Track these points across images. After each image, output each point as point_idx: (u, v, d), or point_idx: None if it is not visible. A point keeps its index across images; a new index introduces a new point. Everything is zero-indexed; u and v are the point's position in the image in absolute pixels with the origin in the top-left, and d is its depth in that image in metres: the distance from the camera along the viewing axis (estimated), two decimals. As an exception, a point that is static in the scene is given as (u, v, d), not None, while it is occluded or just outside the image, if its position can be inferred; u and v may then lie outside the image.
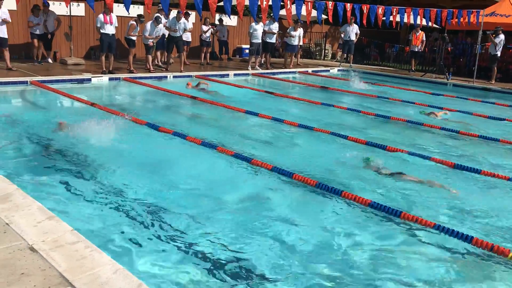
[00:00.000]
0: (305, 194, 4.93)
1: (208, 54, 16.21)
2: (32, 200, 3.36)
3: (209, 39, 15.86)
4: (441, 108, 10.22)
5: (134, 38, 12.84)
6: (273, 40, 16.02)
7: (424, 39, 17.04)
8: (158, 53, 14.51)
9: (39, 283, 2.35)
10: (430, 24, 17.89)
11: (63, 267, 2.51)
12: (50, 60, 13.48)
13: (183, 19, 13.48)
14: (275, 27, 15.70)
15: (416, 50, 17.03)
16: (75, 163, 5.49)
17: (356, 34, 17.23)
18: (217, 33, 16.95)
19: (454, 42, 18.85)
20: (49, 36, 13.08)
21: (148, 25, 12.74)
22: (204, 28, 15.45)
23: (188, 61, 15.62)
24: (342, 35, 17.50)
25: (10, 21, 11.60)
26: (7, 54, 11.47)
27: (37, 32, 12.65)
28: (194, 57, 16.36)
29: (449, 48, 18.12)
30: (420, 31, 16.77)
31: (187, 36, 15.05)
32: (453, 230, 3.99)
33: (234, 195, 4.81)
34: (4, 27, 11.27)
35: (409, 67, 17.77)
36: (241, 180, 5.34)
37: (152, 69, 13.13)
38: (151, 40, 12.88)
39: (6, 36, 11.41)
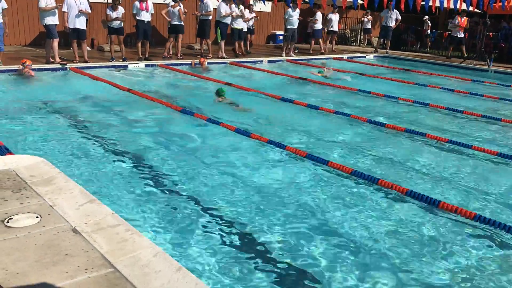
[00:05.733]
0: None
1: (248, 42, 15.96)
2: (74, 183, 3.44)
3: (252, 27, 15.73)
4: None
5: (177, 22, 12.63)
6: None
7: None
8: (236, 43, 14.19)
9: (82, 264, 2.42)
10: (471, 8, 17.27)
11: (105, 249, 2.57)
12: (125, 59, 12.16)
13: (206, 1, 13.09)
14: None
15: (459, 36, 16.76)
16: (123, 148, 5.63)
17: (396, 20, 16.78)
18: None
19: (497, 27, 18.15)
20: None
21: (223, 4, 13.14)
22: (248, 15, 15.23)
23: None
24: (381, 21, 17.26)
25: (90, 11, 11.14)
26: (84, 47, 11.12)
27: (115, 26, 11.57)
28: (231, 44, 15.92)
29: (490, 34, 17.46)
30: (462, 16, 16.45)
31: (243, 26, 14.38)
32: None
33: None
34: (82, 18, 10.73)
35: (446, 53, 17.39)
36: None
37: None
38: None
39: (85, 28, 10.93)
